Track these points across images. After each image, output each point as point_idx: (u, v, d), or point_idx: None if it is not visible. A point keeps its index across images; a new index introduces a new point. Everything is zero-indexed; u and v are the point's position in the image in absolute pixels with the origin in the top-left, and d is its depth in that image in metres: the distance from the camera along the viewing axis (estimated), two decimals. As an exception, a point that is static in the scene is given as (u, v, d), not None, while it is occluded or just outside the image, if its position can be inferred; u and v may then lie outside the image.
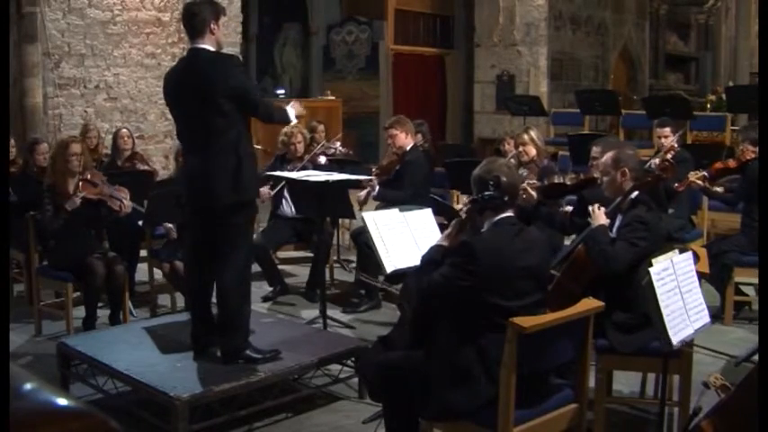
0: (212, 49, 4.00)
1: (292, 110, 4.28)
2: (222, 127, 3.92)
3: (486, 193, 3.08)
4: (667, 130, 6.41)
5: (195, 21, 3.98)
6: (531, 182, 4.54)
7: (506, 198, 3.11)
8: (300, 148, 6.48)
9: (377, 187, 6.06)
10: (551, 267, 3.77)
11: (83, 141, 5.92)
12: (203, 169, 3.96)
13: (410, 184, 5.98)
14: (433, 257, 3.21)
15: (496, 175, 3.10)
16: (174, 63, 4.55)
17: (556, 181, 4.82)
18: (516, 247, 3.04)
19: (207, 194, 3.98)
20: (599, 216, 3.76)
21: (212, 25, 3.99)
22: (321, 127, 7.82)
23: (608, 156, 3.88)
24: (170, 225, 5.76)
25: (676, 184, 5.70)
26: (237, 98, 3.94)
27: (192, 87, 3.95)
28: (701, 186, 5.75)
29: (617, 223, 3.79)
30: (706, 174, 5.66)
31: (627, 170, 3.78)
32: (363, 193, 6.15)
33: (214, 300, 4.21)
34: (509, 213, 3.14)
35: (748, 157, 5.59)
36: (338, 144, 7.69)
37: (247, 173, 4.01)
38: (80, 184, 5.20)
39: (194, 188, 4.07)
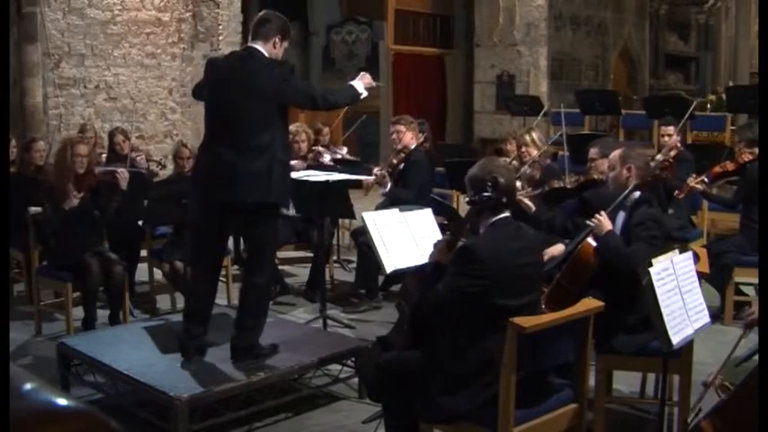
0: (267, 54, 4.04)
1: (360, 83, 4.29)
2: (260, 128, 3.93)
3: (485, 194, 3.06)
4: (671, 128, 6.41)
5: (265, 26, 4.08)
6: (523, 192, 4.53)
7: (504, 199, 3.09)
8: (304, 147, 6.47)
9: (389, 184, 6.05)
10: (551, 268, 3.77)
11: (87, 143, 5.92)
12: (232, 163, 3.92)
13: (415, 185, 5.98)
14: (431, 272, 3.16)
15: (494, 175, 3.07)
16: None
17: (555, 185, 4.83)
18: (515, 245, 3.03)
19: (231, 188, 3.93)
20: (604, 223, 3.73)
21: (276, 39, 4.07)
22: (326, 129, 7.78)
23: (618, 151, 3.98)
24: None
25: (676, 192, 5.73)
26: (289, 103, 4.04)
27: (242, 82, 3.95)
28: (701, 191, 5.80)
29: (620, 221, 3.80)
30: (705, 179, 5.69)
31: (633, 167, 3.84)
32: (372, 178, 6.14)
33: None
34: (506, 214, 3.12)
35: (746, 159, 5.63)
36: (345, 150, 7.67)
37: (277, 177, 3.97)
38: (75, 182, 5.19)
39: (217, 180, 3.99)
